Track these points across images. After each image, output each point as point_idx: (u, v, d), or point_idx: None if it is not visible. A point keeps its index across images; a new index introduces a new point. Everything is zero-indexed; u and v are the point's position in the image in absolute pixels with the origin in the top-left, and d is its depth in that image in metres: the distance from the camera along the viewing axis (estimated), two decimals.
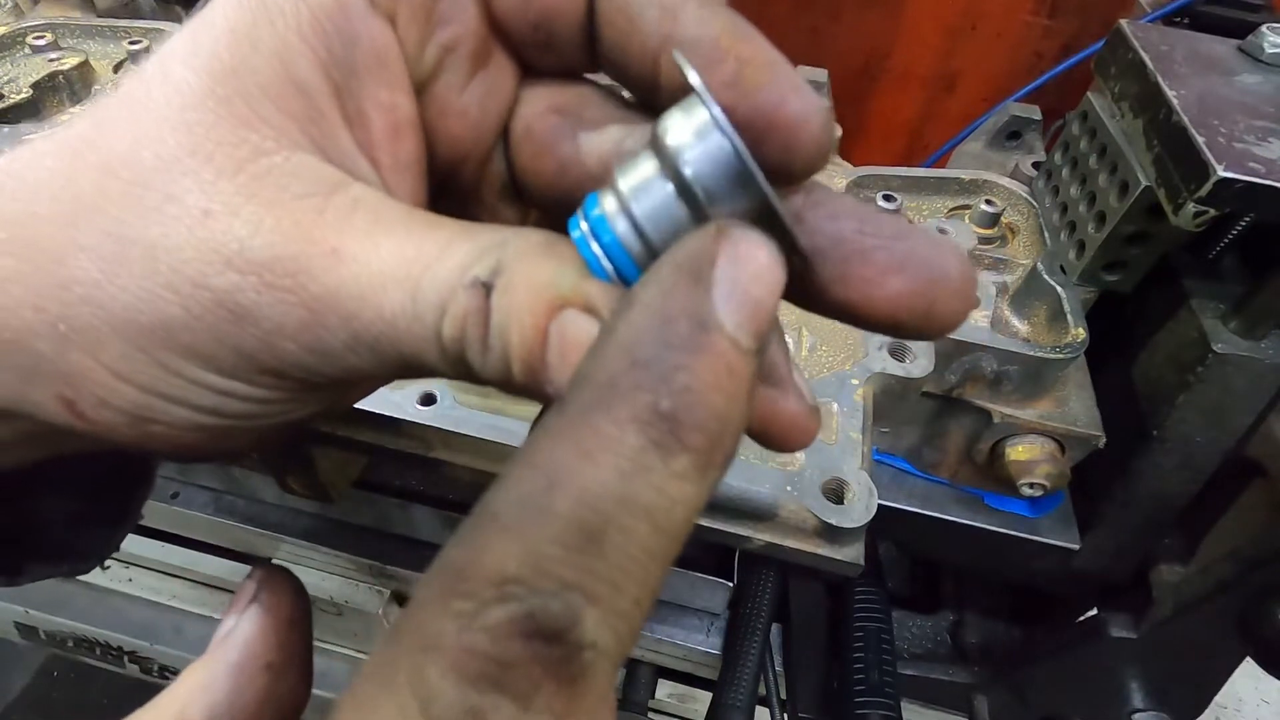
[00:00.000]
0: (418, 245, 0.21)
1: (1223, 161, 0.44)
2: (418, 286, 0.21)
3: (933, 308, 0.21)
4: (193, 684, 0.25)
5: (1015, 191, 0.71)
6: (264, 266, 0.21)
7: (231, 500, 1.01)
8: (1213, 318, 0.54)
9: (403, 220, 0.22)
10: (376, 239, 0.22)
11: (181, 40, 0.23)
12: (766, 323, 0.19)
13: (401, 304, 0.21)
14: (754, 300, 0.18)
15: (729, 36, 0.21)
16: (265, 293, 0.21)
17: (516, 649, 0.17)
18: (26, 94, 0.75)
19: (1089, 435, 0.56)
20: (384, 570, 0.95)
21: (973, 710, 0.82)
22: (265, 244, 0.21)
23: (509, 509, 0.18)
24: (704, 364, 0.18)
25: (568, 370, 0.20)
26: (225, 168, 0.22)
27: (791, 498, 0.44)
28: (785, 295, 0.20)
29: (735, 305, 0.18)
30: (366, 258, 0.21)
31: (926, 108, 1.27)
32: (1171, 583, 0.65)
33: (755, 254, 0.19)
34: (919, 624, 0.89)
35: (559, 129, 0.25)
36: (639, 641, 0.91)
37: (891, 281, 0.21)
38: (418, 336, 0.21)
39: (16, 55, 0.82)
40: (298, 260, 0.21)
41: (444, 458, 0.47)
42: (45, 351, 0.22)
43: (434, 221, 0.22)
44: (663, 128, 0.20)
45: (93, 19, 0.89)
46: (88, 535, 0.36)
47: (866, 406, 0.50)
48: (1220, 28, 0.64)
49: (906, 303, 0.21)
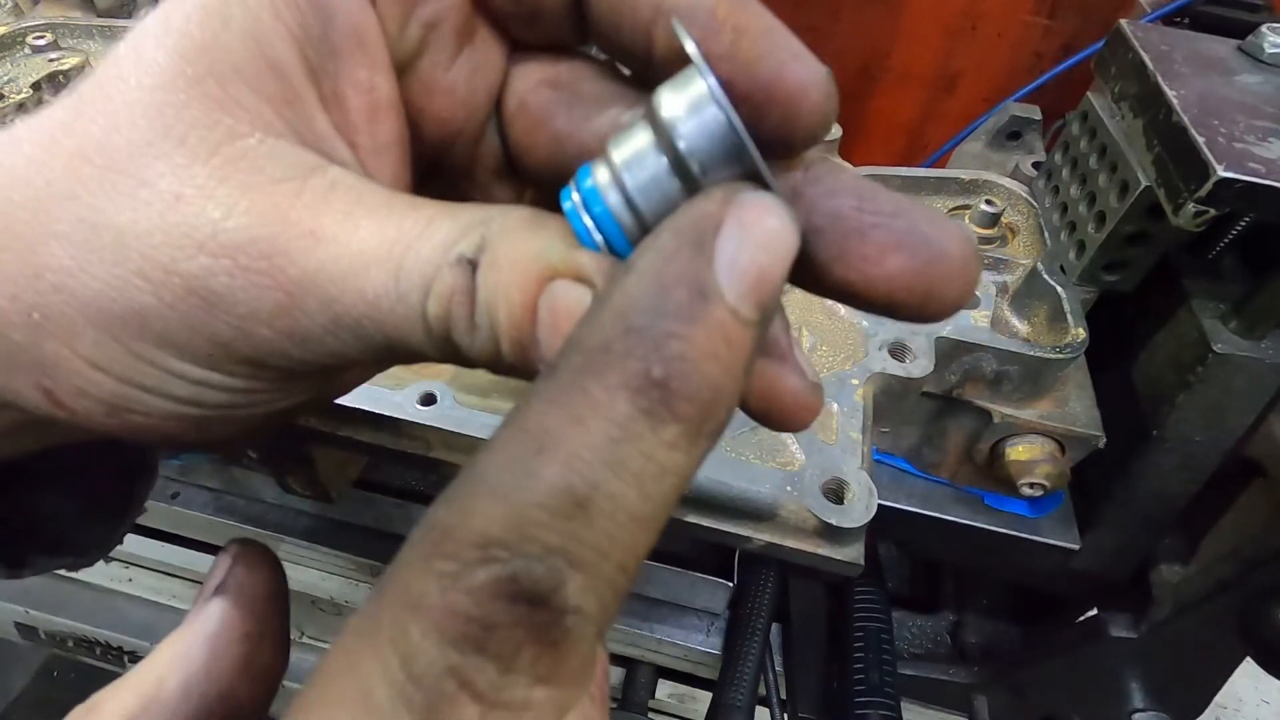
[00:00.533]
0: (399, 225, 0.21)
1: (1223, 161, 0.44)
2: (400, 266, 0.20)
3: (931, 288, 0.20)
4: (170, 654, 0.25)
5: (1015, 191, 0.71)
6: (238, 249, 0.21)
7: (231, 500, 1.00)
8: (1213, 318, 0.54)
9: (383, 201, 0.22)
10: (356, 220, 0.21)
11: (154, 18, 0.22)
12: (771, 293, 0.18)
13: (384, 284, 0.20)
14: (758, 269, 0.18)
15: (725, 5, 0.20)
16: (239, 276, 0.21)
17: (499, 611, 0.17)
18: (26, 94, 0.75)
19: (1089, 435, 0.56)
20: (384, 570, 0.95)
21: (973, 710, 0.82)
22: (239, 226, 0.21)
23: (496, 472, 0.17)
24: (700, 333, 0.17)
25: (558, 344, 0.19)
26: (199, 151, 0.21)
27: (791, 498, 0.44)
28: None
29: (738, 274, 0.18)
30: (346, 239, 0.21)
31: (926, 108, 1.27)
32: (1171, 583, 0.65)
33: (765, 220, 0.18)
34: (919, 624, 0.89)
35: (553, 103, 0.25)
36: (639, 641, 0.91)
37: (890, 260, 0.20)
38: (401, 317, 0.21)
39: (16, 55, 0.82)
40: (274, 242, 0.21)
41: (444, 458, 0.47)
42: (20, 341, 0.22)
43: (415, 202, 0.22)
44: (658, 100, 0.20)
45: (93, 19, 0.89)
46: (90, 528, 0.36)
47: (866, 406, 0.50)
48: (1220, 28, 0.64)
49: (905, 282, 0.20)
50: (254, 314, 0.21)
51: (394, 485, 0.92)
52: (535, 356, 0.20)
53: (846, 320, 0.56)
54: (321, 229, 0.21)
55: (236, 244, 0.21)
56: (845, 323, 0.56)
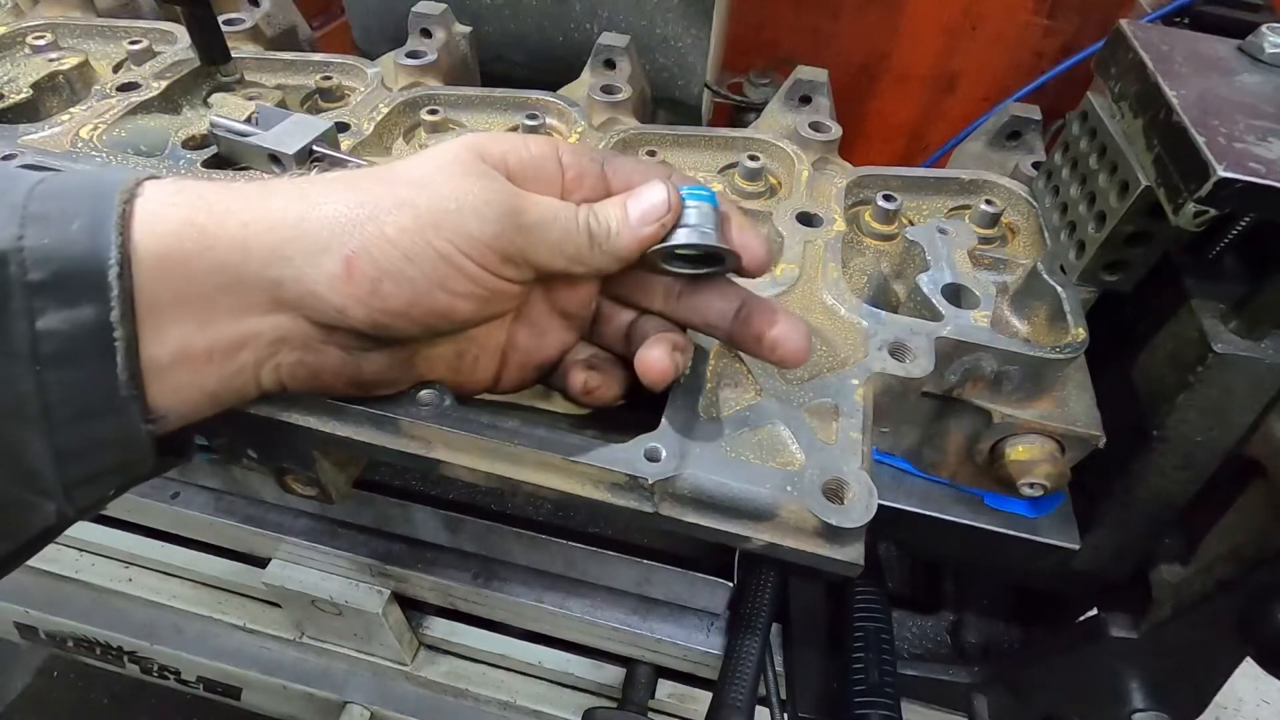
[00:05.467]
0: (566, 205, 0.45)
1: (1223, 161, 0.44)
2: (572, 213, 0.44)
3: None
4: None
5: (1015, 191, 0.71)
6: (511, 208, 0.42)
7: (231, 500, 1.01)
8: (1213, 318, 0.54)
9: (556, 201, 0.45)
10: (553, 204, 0.44)
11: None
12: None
13: (569, 219, 0.43)
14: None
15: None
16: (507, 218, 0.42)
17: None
18: (26, 94, 0.75)
19: (1089, 435, 0.56)
20: (384, 570, 0.95)
21: (973, 710, 0.82)
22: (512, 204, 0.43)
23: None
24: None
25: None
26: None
27: (791, 498, 0.44)
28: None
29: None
30: (550, 205, 0.44)
31: (926, 108, 1.27)
32: (1171, 583, 0.65)
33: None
34: (919, 624, 0.89)
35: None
36: (639, 641, 0.91)
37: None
38: (573, 235, 0.43)
39: (16, 55, 0.82)
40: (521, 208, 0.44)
41: (444, 458, 0.47)
42: (347, 215, 0.39)
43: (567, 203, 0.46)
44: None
45: (93, 19, 0.89)
46: None
47: (866, 406, 0.50)
48: (1220, 28, 0.64)
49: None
50: (511, 232, 0.41)
51: (394, 485, 0.92)
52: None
53: (847, 320, 0.56)
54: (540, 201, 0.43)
55: (511, 206, 0.41)
56: (845, 323, 0.56)
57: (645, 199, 0.44)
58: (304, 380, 0.43)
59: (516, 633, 1.02)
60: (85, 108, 0.72)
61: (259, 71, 0.82)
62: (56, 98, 0.78)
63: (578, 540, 0.88)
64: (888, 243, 0.68)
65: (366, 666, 1.08)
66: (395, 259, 0.38)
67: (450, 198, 0.39)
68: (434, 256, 0.39)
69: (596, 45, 0.85)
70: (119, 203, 0.36)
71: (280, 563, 1.00)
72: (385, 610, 0.96)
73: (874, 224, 0.69)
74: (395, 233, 0.38)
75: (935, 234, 0.62)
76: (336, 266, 0.38)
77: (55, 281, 0.34)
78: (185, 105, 0.77)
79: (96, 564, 1.14)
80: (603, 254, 0.44)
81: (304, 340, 0.41)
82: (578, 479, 0.46)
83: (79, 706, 1.77)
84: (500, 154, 0.43)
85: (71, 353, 0.34)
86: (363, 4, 0.96)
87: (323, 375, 0.43)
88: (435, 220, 0.39)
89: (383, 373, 0.45)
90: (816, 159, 0.74)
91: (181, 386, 0.38)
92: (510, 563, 0.94)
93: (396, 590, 0.97)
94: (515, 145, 0.44)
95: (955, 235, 0.62)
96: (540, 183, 0.44)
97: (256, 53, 0.85)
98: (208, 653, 1.12)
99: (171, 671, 1.16)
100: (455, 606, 0.98)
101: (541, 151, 0.44)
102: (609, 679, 0.99)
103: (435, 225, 0.39)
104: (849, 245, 0.67)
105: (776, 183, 0.73)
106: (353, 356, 0.43)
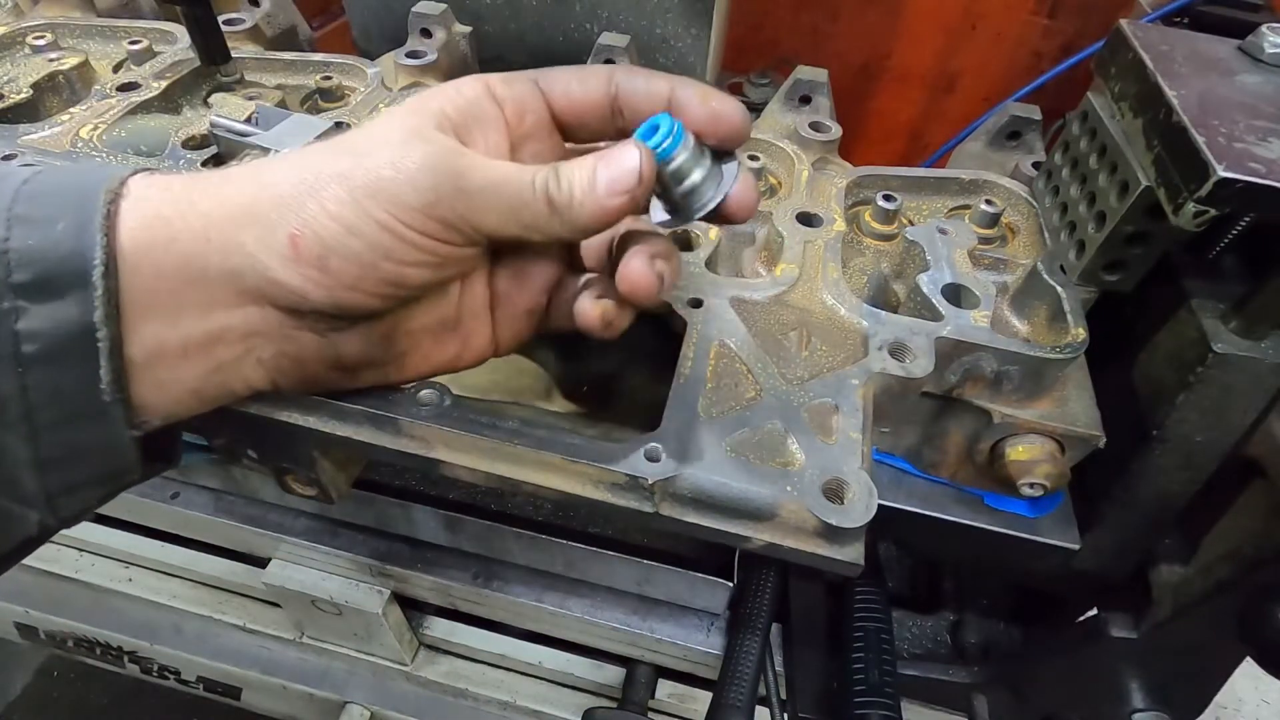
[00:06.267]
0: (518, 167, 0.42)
1: (1223, 161, 0.44)
2: (525, 175, 0.41)
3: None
4: None
5: (1015, 191, 0.71)
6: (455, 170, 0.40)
7: (231, 500, 1.01)
8: (1213, 318, 0.54)
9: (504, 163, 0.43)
10: (500, 165, 0.42)
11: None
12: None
13: (521, 181, 0.41)
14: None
15: (705, 94, 0.44)
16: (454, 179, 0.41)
17: None
18: (26, 94, 0.75)
19: (1089, 435, 0.56)
20: (384, 570, 0.95)
21: (973, 710, 0.82)
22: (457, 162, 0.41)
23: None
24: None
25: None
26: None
27: (791, 498, 0.44)
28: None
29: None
30: (499, 167, 0.41)
31: (926, 108, 1.27)
32: (1171, 583, 0.65)
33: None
34: (919, 624, 0.89)
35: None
36: (639, 641, 0.91)
37: None
38: (527, 196, 0.41)
39: (16, 55, 0.81)
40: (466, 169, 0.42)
41: (444, 458, 0.47)
42: (289, 193, 0.38)
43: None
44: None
45: (93, 19, 0.89)
46: None
47: (866, 406, 0.50)
48: (1220, 28, 0.64)
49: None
50: (450, 197, 0.39)
51: (394, 485, 0.92)
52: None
53: (847, 320, 0.57)
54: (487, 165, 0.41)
55: (450, 168, 0.39)
56: (845, 322, 0.56)
57: (616, 164, 0.40)
58: (290, 372, 0.43)
59: (516, 633, 1.02)
60: (85, 108, 0.72)
61: (259, 71, 0.82)
62: (56, 98, 0.78)
63: (578, 540, 0.88)
64: (888, 243, 0.68)
65: (366, 666, 1.08)
66: (337, 233, 0.38)
67: (388, 164, 0.38)
68: (375, 228, 0.38)
69: (596, 45, 0.85)
70: (104, 203, 0.36)
71: (280, 563, 1.00)
72: (385, 610, 0.96)
73: (874, 224, 0.69)
74: (335, 206, 0.38)
75: (935, 234, 0.62)
76: (285, 247, 0.37)
77: (39, 282, 0.34)
78: (185, 105, 0.77)
79: (96, 564, 1.14)
80: (563, 223, 0.41)
81: (277, 330, 0.40)
82: (578, 479, 0.46)
83: (79, 706, 1.77)
84: (439, 109, 0.41)
85: (54, 354, 0.34)
86: (363, 4, 0.96)
87: (306, 364, 0.43)
88: (372, 190, 0.38)
89: (364, 352, 0.44)
90: (816, 159, 0.74)
91: (163, 383, 0.38)
92: (510, 563, 0.94)
93: (396, 590, 0.97)
94: (449, 95, 0.42)
95: (955, 235, 0.62)
96: (484, 127, 0.42)
97: (256, 53, 0.85)
98: (207, 653, 1.12)
99: (171, 671, 1.16)
100: (455, 606, 0.98)
101: (474, 91, 0.42)
102: (609, 679, 0.99)
103: (372, 195, 0.38)
104: (849, 245, 0.67)
105: (776, 183, 0.73)
106: (328, 339, 0.42)
